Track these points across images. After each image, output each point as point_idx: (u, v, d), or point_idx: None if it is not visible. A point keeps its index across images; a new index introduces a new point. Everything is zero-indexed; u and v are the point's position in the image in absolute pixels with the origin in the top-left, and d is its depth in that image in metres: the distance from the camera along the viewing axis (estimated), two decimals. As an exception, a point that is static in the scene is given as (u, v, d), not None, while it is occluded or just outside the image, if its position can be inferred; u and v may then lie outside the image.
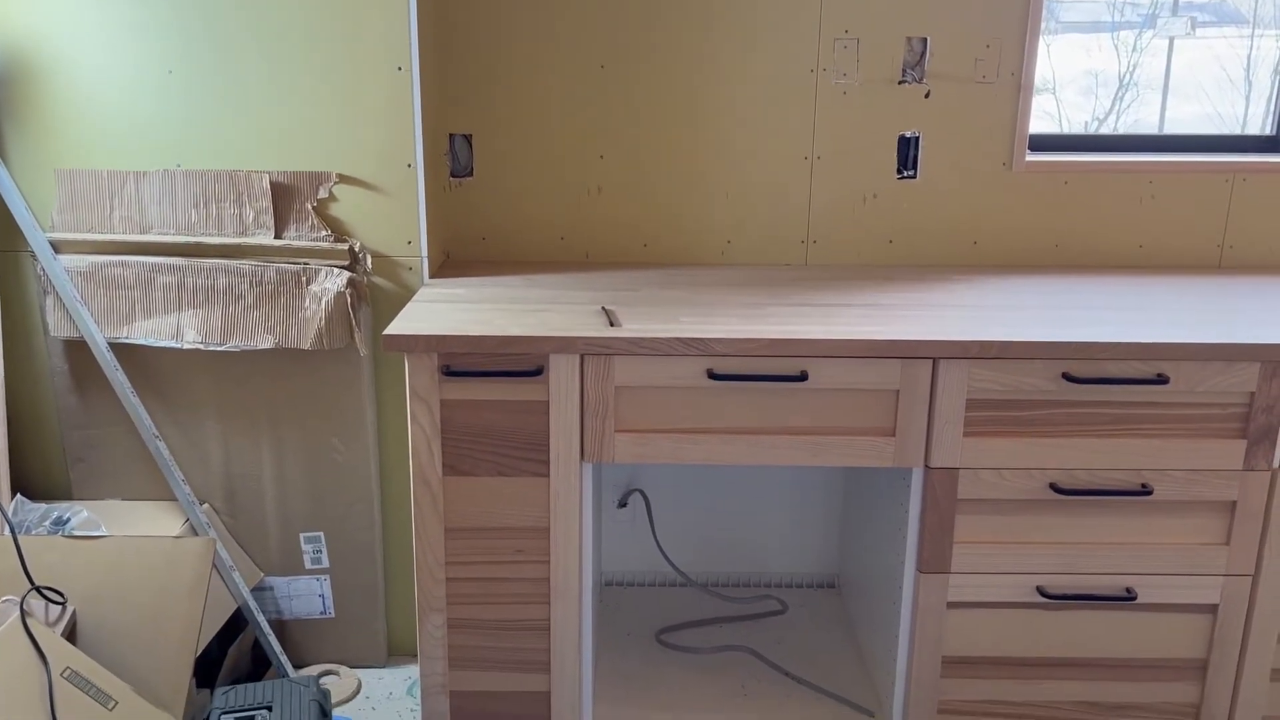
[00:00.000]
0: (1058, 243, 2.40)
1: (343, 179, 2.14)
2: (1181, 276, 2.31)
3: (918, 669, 1.99)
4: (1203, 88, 3.47)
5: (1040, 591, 1.94)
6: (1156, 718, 2.02)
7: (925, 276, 2.30)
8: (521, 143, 2.34)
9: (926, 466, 1.90)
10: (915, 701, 2.01)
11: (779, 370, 1.84)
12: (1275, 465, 1.88)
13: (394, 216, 2.16)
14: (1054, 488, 1.89)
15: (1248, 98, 3.45)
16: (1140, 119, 3.64)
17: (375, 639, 2.36)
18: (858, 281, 2.24)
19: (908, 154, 2.35)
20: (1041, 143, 2.46)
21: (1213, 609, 1.95)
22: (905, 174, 2.37)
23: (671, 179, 2.36)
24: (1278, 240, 2.39)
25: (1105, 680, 2.00)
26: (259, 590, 2.29)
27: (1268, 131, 2.50)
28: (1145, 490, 1.88)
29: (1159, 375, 1.83)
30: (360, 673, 2.34)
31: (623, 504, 2.54)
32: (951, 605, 1.96)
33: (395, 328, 1.83)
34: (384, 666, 2.37)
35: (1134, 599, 1.93)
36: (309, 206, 2.14)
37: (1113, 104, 3.70)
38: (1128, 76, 3.66)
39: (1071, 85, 3.55)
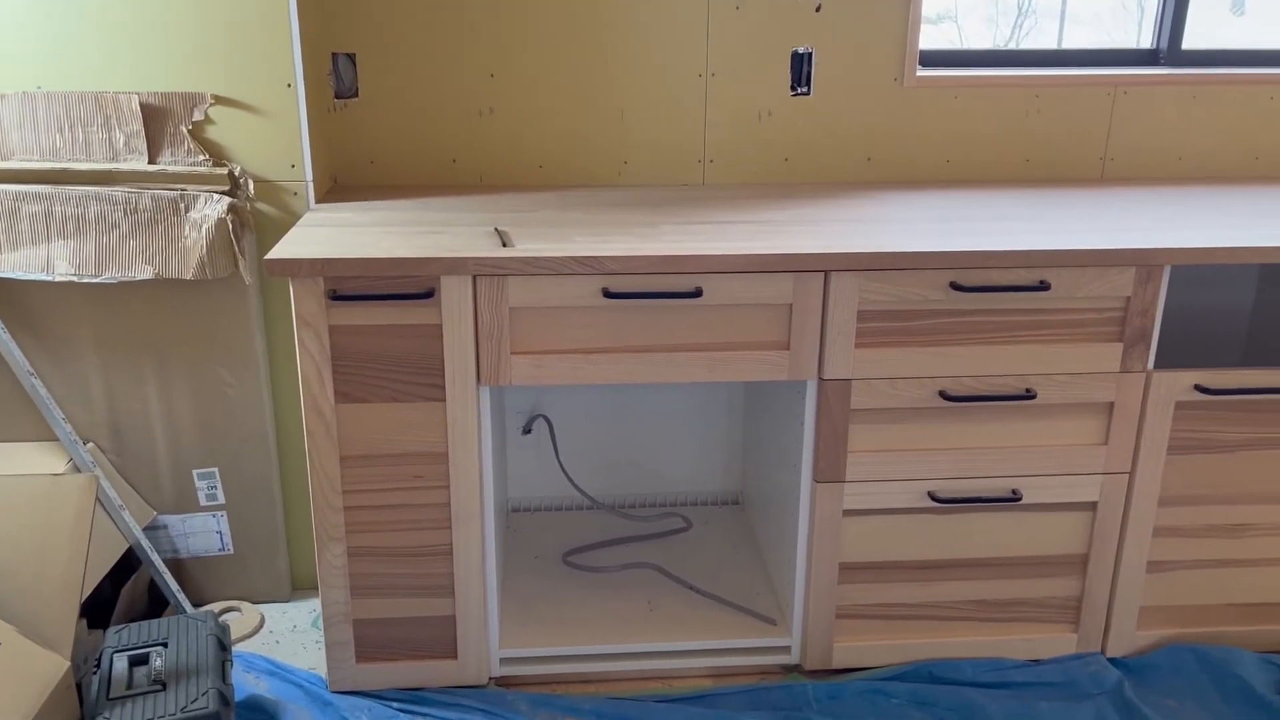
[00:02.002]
0: (949, 158, 2.44)
1: (219, 100, 2.05)
2: (1066, 189, 2.37)
3: (816, 576, 2.04)
4: (1098, 15, 3.54)
5: (931, 496, 2.00)
6: (1042, 611, 2.11)
7: (820, 193, 2.31)
8: (408, 62, 2.26)
9: (820, 378, 1.93)
10: (814, 608, 2.06)
11: (674, 287, 1.84)
12: (1149, 366, 1.96)
13: (275, 139, 2.08)
14: (943, 395, 1.94)
15: (1140, 24, 3.52)
16: (1039, 46, 3.70)
17: (278, 574, 2.33)
18: (753, 199, 2.24)
19: (801, 70, 2.35)
20: (932, 59, 2.48)
21: (1092, 506, 2.04)
22: (799, 91, 2.36)
23: (565, 99, 2.32)
24: (1156, 152, 2.47)
25: (994, 578, 2.08)
26: (152, 529, 2.24)
27: (1147, 46, 2.56)
28: (1029, 395, 1.94)
29: (1041, 282, 1.88)
30: (264, 608, 2.31)
31: (527, 430, 2.54)
32: (847, 513, 2.01)
33: (278, 252, 1.77)
34: (288, 601, 2.34)
35: (1019, 500, 2.01)
36: (184, 129, 2.04)
37: (1012, 32, 3.75)
38: (1026, 4, 3.70)
39: (973, 14, 3.58)
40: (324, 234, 1.90)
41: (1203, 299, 2.59)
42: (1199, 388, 1.96)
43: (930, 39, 2.39)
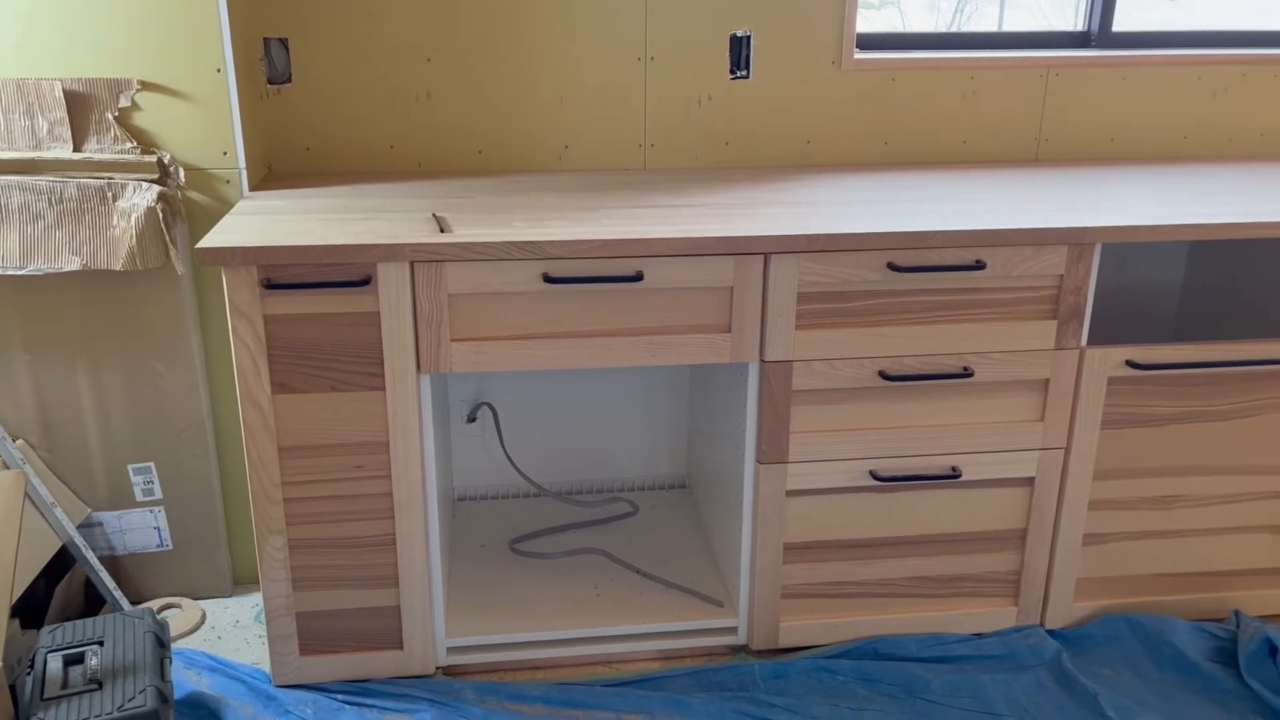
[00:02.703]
0: (887, 140, 2.46)
1: (146, 86, 2.00)
2: (1002, 169, 2.40)
3: (761, 557, 2.06)
4: (1037, 0, 3.58)
5: (873, 475, 2.02)
6: (983, 586, 2.15)
7: (760, 177, 2.32)
8: (342, 47, 2.22)
9: (762, 360, 1.94)
10: (760, 588, 2.08)
11: (614, 271, 1.84)
12: (1083, 343, 2.00)
13: (206, 126, 2.04)
14: (883, 375, 1.96)
15: (1077, 9, 3.57)
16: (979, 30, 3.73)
17: (219, 569, 2.29)
18: (695, 183, 2.24)
19: (740, 54, 2.35)
20: (869, 42, 2.49)
21: (1030, 482, 2.08)
22: (738, 74, 2.36)
23: (503, 83, 2.30)
24: (1088, 132, 2.51)
25: (935, 555, 2.11)
26: (87, 526, 2.19)
27: (1080, 28, 2.60)
28: (967, 373, 1.97)
29: (977, 261, 1.90)
30: (205, 603, 2.27)
31: (472, 418, 2.52)
32: (791, 494, 2.03)
33: (209, 241, 1.73)
34: (230, 596, 2.31)
35: (959, 477, 2.04)
36: (110, 116, 1.99)
37: (953, 17, 3.78)
38: (967, -11, 3.74)
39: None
40: (258, 222, 1.87)
41: (1136, 276, 2.65)
42: (1130, 363, 2.00)
43: (873, 24, 2.41)
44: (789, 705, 1.96)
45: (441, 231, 1.82)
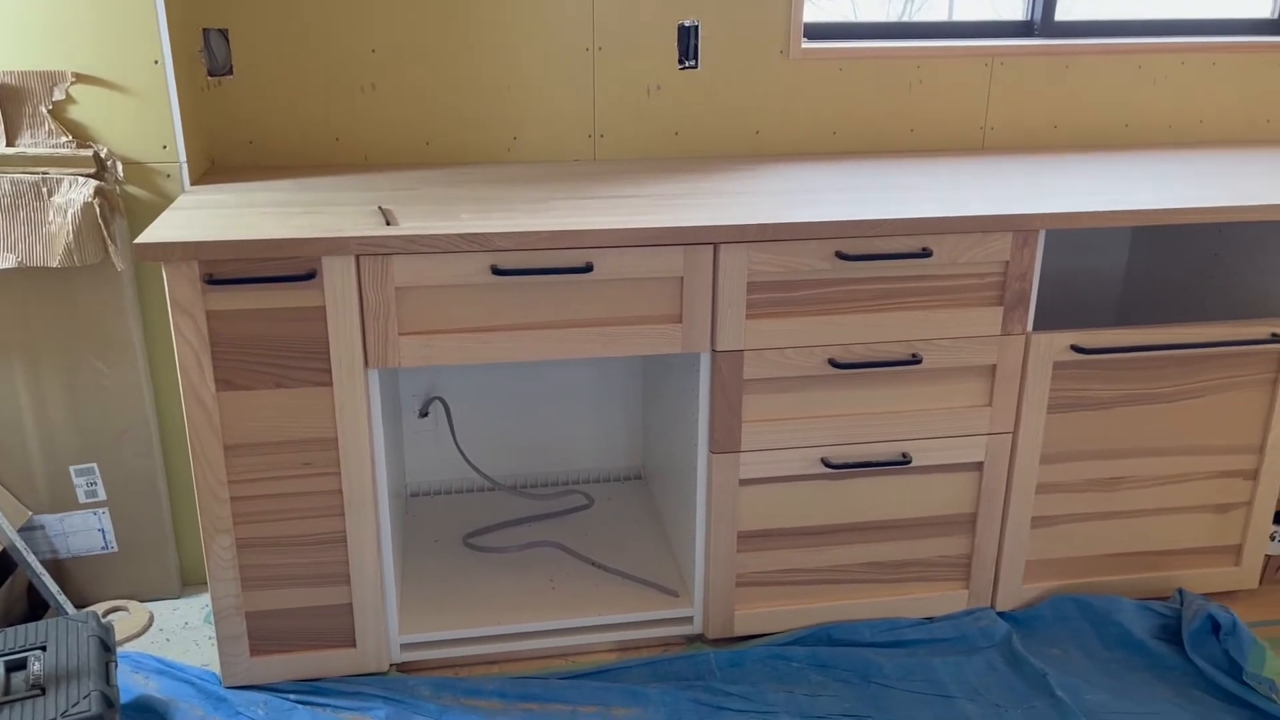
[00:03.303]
0: (836, 130, 2.47)
1: (81, 79, 1.95)
2: (949, 158, 2.43)
3: (715, 547, 2.06)
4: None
5: (825, 463, 2.03)
6: (934, 570, 2.17)
7: (710, 167, 2.32)
8: (284, 38, 2.19)
9: (713, 350, 1.94)
10: (715, 578, 2.09)
11: (564, 263, 1.83)
12: (1028, 329, 2.02)
13: (145, 119, 1.99)
14: (832, 363, 1.97)
15: (1025, -1, 3.60)
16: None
17: (166, 570, 2.25)
18: (644, 173, 2.24)
19: (688, 44, 2.35)
20: (817, 31, 2.50)
21: (979, 466, 2.10)
22: (687, 64, 2.36)
23: (450, 75, 2.28)
24: (1033, 120, 2.54)
25: (887, 540, 2.13)
26: (28, 530, 2.14)
27: (1023, 18, 2.63)
28: (915, 360, 1.99)
29: (924, 249, 1.92)
30: (152, 606, 2.23)
31: (424, 413, 2.50)
32: (744, 482, 2.03)
33: (148, 236, 1.70)
34: (178, 597, 2.27)
35: (909, 463, 2.05)
36: (44, 110, 1.94)
37: (904, 6, 3.81)
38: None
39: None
40: (200, 216, 1.84)
41: (1082, 263, 2.70)
42: (1075, 348, 2.03)
43: (825, 14, 2.41)
44: (744, 693, 1.96)
45: (388, 224, 1.80)
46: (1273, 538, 2.34)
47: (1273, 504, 2.23)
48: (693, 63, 2.36)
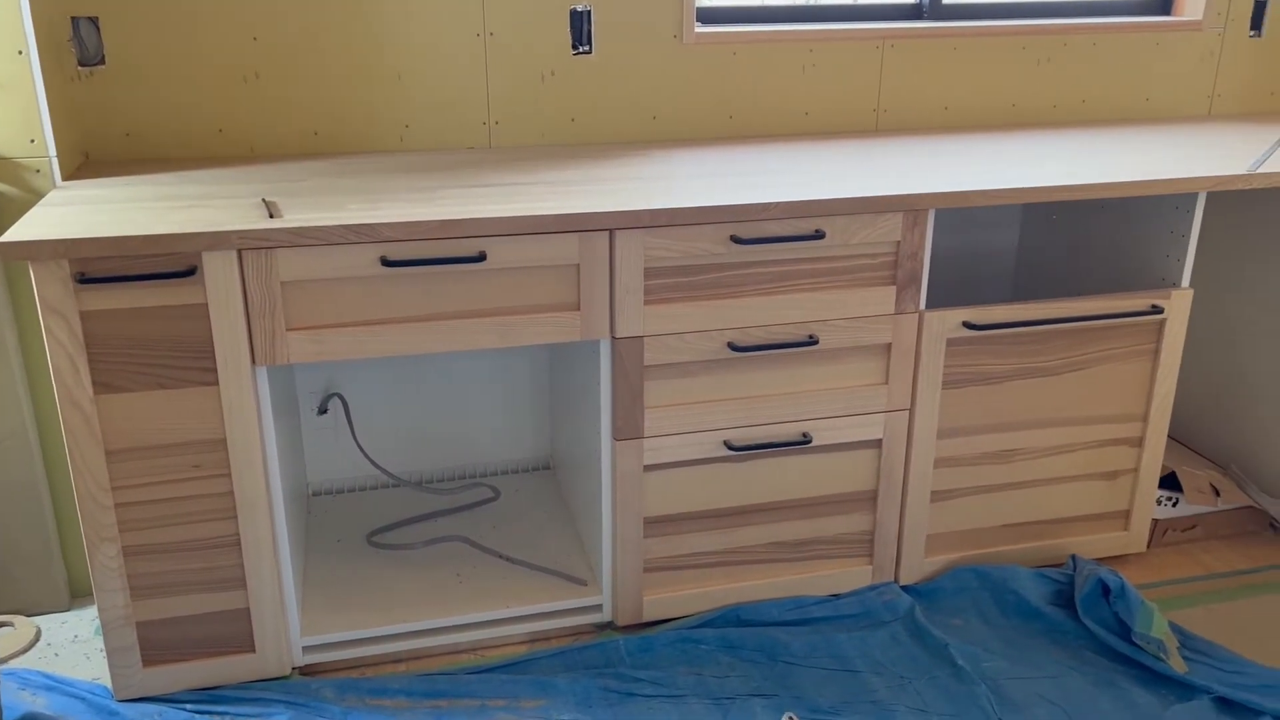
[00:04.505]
0: (731, 114, 2.48)
1: (-63, 70, 1.85)
2: (843, 140, 2.45)
3: (622, 533, 2.06)
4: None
5: (727, 445, 2.04)
6: (838, 548, 2.21)
7: (607, 153, 2.30)
8: (160, 26, 2.10)
9: (613, 337, 1.93)
10: (622, 564, 2.08)
11: (456, 252, 1.80)
12: (922, 307, 2.06)
13: (9, 112, 1.90)
14: (732, 346, 1.98)
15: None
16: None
17: (53, 583, 2.16)
18: (540, 160, 2.21)
19: (581, 29, 2.33)
20: (710, 15, 2.50)
21: (878, 444, 2.13)
22: (581, 50, 2.34)
23: (338, 62, 2.22)
24: (924, 102, 2.58)
25: (791, 520, 2.15)
26: (-101, 547, 2.03)
27: (912, 0, 2.67)
28: (812, 341, 2.01)
29: (817, 231, 1.93)
30: (40, 620, 2.14)
31: (323, 410, 2.44)
32: (648, 468, 2.03)
33: (13, 234, 1.62)
34: (67, 610, 2.18)
35: (810, 442, 2.08)
36: (-103, 103, 1.84)
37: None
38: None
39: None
40: (71, 213, 1.76)
41: (978, 241, 2.76)
42: (967, 324, 2.07)
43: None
44: (654, 678, 1.97)
45: (271, 217, 1.74)
46: (1159, 502, 2.43)
47: (1158, 470, 2.32)
48: (587, 48, 2.34)
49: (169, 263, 1.68)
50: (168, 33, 2.11)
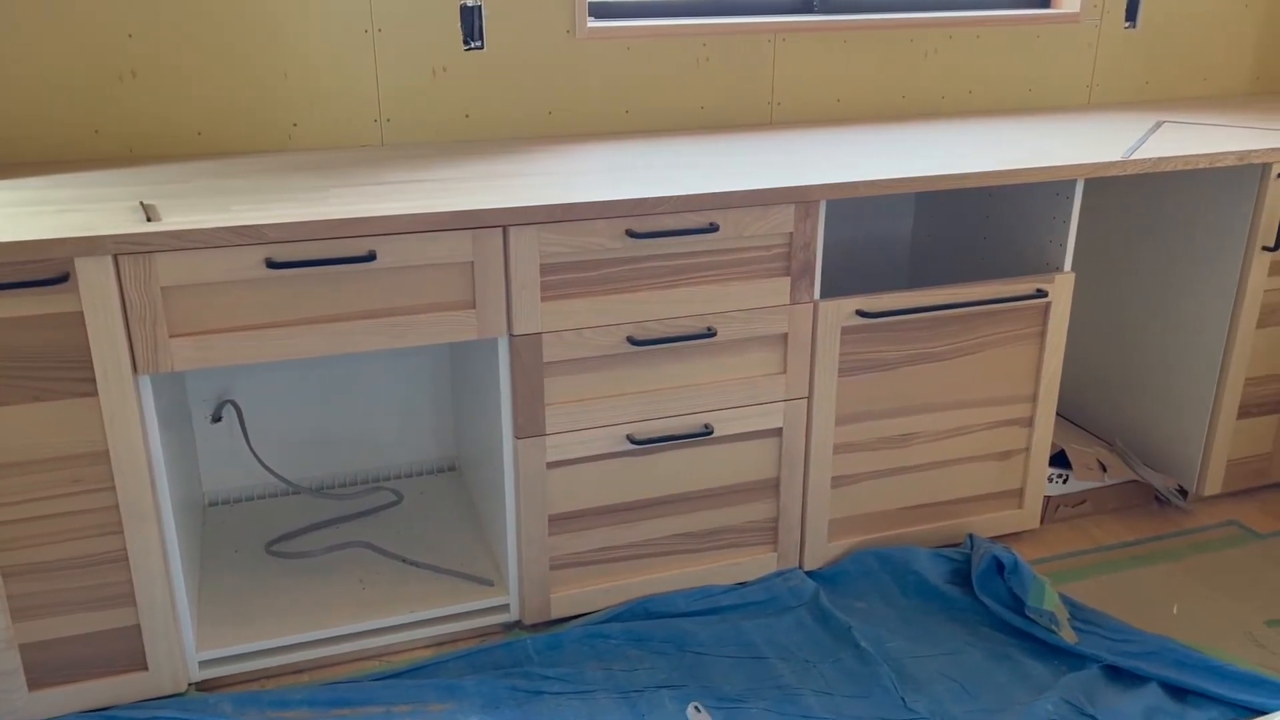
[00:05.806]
0: (628, 109, 2.48)
1: None
2: (738, 133, 2.47)
3: (526, 532, 2.05)
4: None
5: (630, 439, 2.05)
6: (743, 536, 2.23)
7: (503, 149, 2.29)
8: (25, 23, 2.02)
9: (511, 335, 1.92)
10: (528, 563, 2.07)
11: (345, 252, 1.76)
12: (816, 297, 2.09)
13: None
14: (631, 340, 1.98)
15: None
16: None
17: (-70, 608, 2.06)
18: (434, 158, 2.18)
19: (472, 24, 2.30)
20: (603, 10, 2.50)
21: (778, 432, 2.16)
22: (473, 45, 2.32)
23: (219, 59, 2.15)
24: (816, 95, 2.62)
25: (696, 510, 2.17)
26: None
27: (803, -6, 2.71)
28: (710, 333, 2.02)
29: (710, 224, 1.95)
30: (-85, 649, 2.04)
31: (217, 418, 2.37)
32: (551, 465, 2.02)
33: None
34: (-54, 636, 2.08)
35: (712, 433, 2.09)
36: None
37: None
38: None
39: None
40: (-69, 220, 1.67)
41: (872, 230, 2.81)
42: (860, 312, 2.11)
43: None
44: (562, 675, 1.96)
45: (149, 220, 1.69)
46: (1050, 480, 2.51)
47: (1048, 449, 2.40)
48: (479, 43, 2.32)
49: (38, 270, 1.61)
50: (35, 30, 2.02)
